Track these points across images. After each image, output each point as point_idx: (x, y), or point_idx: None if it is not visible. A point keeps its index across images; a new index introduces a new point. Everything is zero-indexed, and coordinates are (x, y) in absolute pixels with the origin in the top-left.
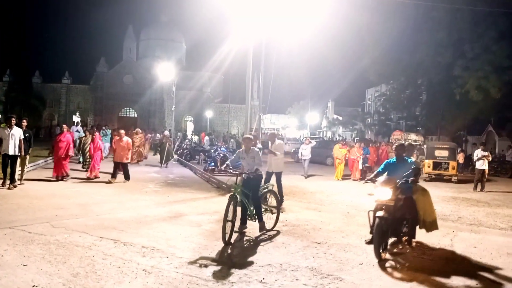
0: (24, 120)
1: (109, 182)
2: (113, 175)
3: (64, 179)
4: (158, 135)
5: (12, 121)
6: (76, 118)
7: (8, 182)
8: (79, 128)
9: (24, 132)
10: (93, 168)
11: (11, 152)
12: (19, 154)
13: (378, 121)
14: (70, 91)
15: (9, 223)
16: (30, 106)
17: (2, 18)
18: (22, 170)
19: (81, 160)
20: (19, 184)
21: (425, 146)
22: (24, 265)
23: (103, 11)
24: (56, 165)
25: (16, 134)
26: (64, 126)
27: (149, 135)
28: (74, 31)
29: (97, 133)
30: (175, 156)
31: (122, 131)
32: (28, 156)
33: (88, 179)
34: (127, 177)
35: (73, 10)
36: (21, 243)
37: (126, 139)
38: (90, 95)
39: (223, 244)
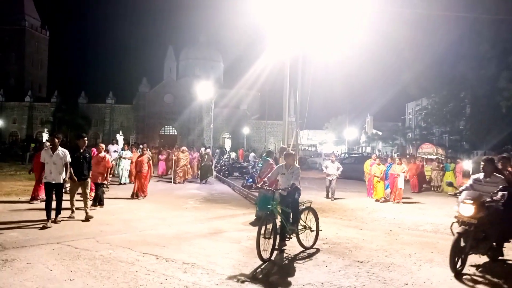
0: (84, 139)
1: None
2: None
3: (31, 202)
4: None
5: (56, 141)
6: (119, 137)
7: (53, 216)
8: (117, 147)
9: (84, 152)
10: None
11: (53, 180)
12: (64, 181)
13: (420, 136)
14: (114, 110)
15: (57, 238)
16: (76, 125)
17: (51, 43)
18: (85, 200)
19: (122, 180)
20: (82, 220)
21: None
22: (71, 280)
23: (145, 34)
24: (35, 186)
25: (62, 156)
26: (46, 143)
27: (197, 153)
28: (117, 54)
29: (94, 149)
30: (214, 173)
31: (102, 145)
32: (89, 181)
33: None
34: (97, 201)
35: (116, 34)
36: (68, 258)
37: (103, 155)
38: (133, 114)
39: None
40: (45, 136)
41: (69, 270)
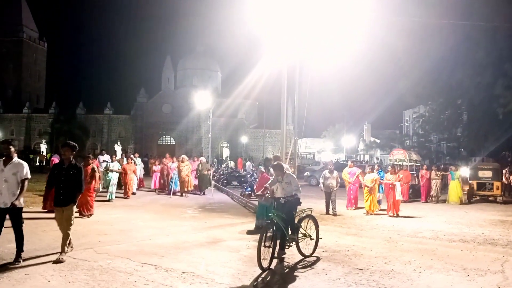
0: (68, 148)
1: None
2: None
3: None
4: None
5: (11, 149)
6: (117, 147)
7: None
8: (107, 157)
9: (69, 168)
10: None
11: (4, 204)
12: (19, 205)
13: (418, 143)
14: (112, 121)
15: (54, 249)
16: (74, 136)
17: (49, 55)
18: (64, 233)
19: (108, 197)
20: (53, 262)
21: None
22: None
23: (142, 44)
24: None
25: (16, 171)
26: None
27: (197, 161)
28: (115, 64)
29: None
30: (212, 183)
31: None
32: (74, 207)
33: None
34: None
35: (114, 44)
36: (66, 268)
37: None
38: (131, 124)
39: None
40: (43, 147)
41: (67, 280)
